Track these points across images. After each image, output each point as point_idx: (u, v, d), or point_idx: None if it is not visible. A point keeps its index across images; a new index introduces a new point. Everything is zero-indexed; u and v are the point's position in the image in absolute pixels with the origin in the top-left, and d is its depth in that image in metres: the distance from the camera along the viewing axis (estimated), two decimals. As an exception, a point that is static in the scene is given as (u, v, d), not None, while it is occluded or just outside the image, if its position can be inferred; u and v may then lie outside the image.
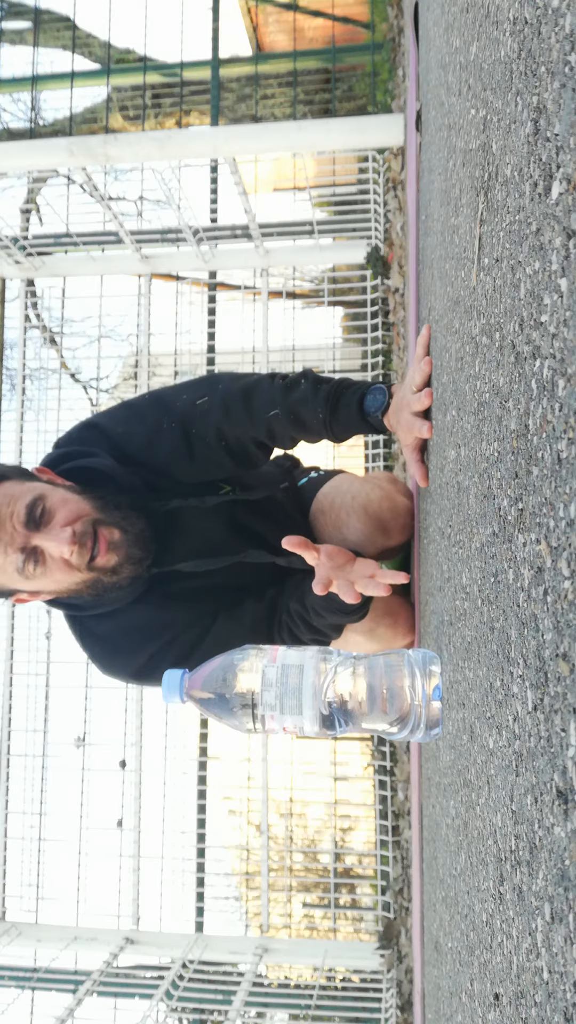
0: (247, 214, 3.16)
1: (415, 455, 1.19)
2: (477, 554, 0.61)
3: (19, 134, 4.94)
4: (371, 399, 1.28)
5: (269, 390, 1.33)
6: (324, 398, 1.29)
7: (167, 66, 4.23)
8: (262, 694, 0.85)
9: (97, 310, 3.62)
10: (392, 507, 1.45)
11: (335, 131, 2.79)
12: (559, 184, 0.38)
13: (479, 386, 0.61)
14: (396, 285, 3.04)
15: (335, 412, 1.29)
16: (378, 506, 1.45)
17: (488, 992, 0.54)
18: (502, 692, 0.50)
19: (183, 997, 2.74)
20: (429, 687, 0.84)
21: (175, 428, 1.34)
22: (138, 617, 1.35)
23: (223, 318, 3.58)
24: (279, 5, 5.03)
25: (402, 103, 2.85)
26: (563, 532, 0.37)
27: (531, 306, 0.43)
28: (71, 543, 1.19)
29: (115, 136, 2.82)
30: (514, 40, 0.48)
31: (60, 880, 3.27)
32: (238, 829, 3.52)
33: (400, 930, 2.77)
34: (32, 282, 3.61)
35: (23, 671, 3.40)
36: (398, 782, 2.89)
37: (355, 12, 4.40)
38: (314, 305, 3.99)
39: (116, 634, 1.36)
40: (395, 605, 1.45)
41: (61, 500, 1.22)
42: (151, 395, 1.42)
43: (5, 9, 4.55)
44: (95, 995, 2.83)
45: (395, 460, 3.11)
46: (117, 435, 1.35)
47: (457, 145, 0.78)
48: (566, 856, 0.35)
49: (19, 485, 1.22)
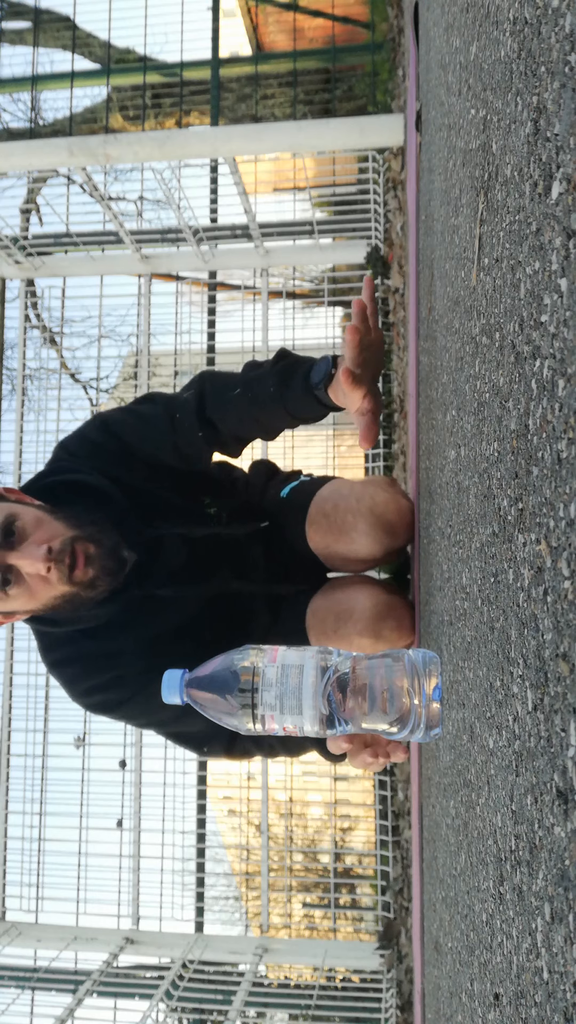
0: (247, 214, 3.16)
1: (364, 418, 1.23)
2: (477, 554, 0.61)
3: (19, 134, 4.94)
4: (315, 370, 1.29)
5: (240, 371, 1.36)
6: (279, 371, 1.30)
7: (167, 66, 4.23)
8: (262, 694, 0.85)
9: (97, 310, 3.62)
10: (397, 508, 1.45)
11: (335, 131, 2.79)
12: (559, 184, 0.38)
13: (479, 386, 0.61)
14: (396, 285, 3.04)
15: (286, 385, 1.30)
16: (384, 507, 1.44)
17: (488, 992, 0.54)
18: (502, 692, 0.50)
19: (183, 997, 2.74)
20: (429, 687, 0.84)
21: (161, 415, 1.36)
22: (98, 646, 1.32)
23: (223, 318, 3.59)
24: (279, 5, 5.03)
25: (402, 103, 2.85)
26: (563, 532, 0.37)
27: (531, 306, 0.43)
28: (46, 560, 1.17)
29: (115, 136, 2.82)
30: (514, 40, 0.48)
31: (60, 880, 3.27)
32: (238, 829, 3.51)
33: (400, 930, 2.77)
34: (32, 282, 3.61)
35: (23, 671, 3.40)
36: (398, 782, 2.89)
37: (355, 12, 4.40)
38: (314, 305, 3.99)
39: (72, 658, 1.34)
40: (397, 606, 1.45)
41: (34, 520, 1.21)
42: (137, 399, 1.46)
43: (5, 9, 4.55)
44: (95, 995, 2.83)
45: (395, 460, 3.11)
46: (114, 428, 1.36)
47: (457, 145, 0.78)
48: (566, 856, 0.35)
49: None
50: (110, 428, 1.37)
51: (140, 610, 1.34)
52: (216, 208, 3.45)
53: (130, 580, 1.30)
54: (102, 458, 1.35)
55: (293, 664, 0.86)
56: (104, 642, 1.32)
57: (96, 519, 1.26)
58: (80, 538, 1.22)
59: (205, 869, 3.31)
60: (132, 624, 1.33)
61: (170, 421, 1.36)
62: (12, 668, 3.41)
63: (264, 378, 1.31)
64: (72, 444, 1.38)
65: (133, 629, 1.33)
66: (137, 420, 1.38)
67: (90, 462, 1.35)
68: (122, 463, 1.35)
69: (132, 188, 4.39)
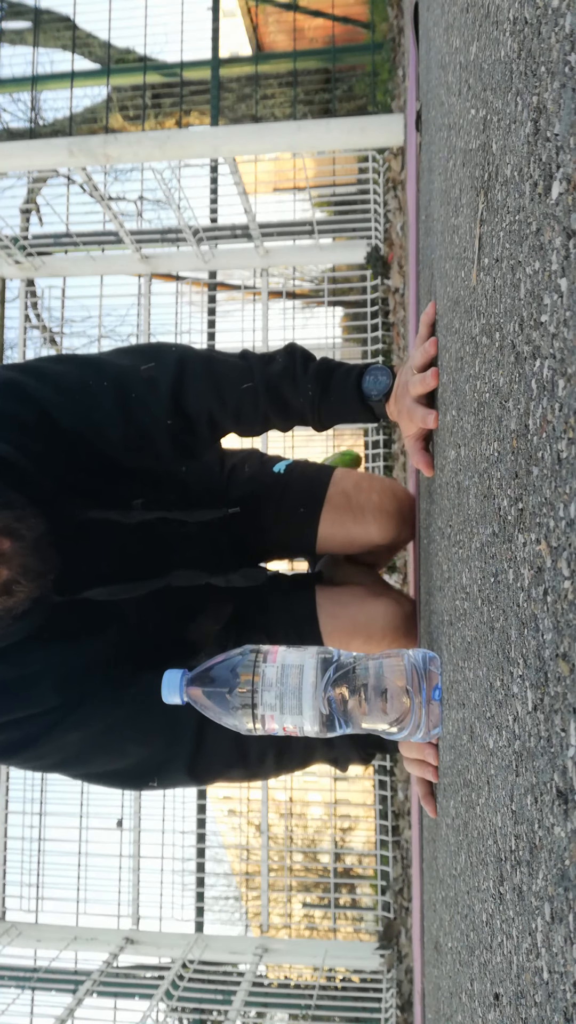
0: (247, 214, 3.17)
1: (418, 444, 1.02)
2: (477, 554, 0.61)
3: (19, 134, 4.94)
4: (371, 380, 1.10)
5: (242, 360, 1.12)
6: (314, 374, 1.10)
7: (167, 66, 4.23)
8: (262, 694, 0.85)
9: (97, 310, 3.62)
10: (409, 499, 1.42)
11: (335, 131, 2.79)
12: (559, 184, 0.38)
13: (479, 386, 0.61)
14: (396, 285, 3.04)
15: (326, 392, 1.11)
16: (404, 495, 1.39)
17: (488, 992, 0.54)
18: (502, 692, 0.50)
19: (183, 997, 2.74)
20: (429, 687, 0.84)
21: (107, 389, 1.06)
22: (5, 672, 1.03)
23: (223, 318, 3.59)
24: (279, 5, 5.03)
25: (402, 103, 2.85)
26: (563, 532, 0.37)
27: (531, 306, 0.43)
28: None
29: (115, 136, 2.82)
30: (514, 40, 0.48)
31: (60, 880, 3.27)
32: (238, 829, 3.51)
33: (400, 930, 2.77)
34: (32, 282, 3.62)
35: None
36: (398, 782, 2.89)
37: (355, 12, 4.40)
38: (314, 305, 3.99)
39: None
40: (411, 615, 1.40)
41: None
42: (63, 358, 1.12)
43: (5, 9, 4.55)
44: (95, 995, 2.83)
45: (395, 460, 3.11)
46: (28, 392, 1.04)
47: (457, 145, 0.78)
48: (566, 856, 0.35)
49: None
50: (25, 391, 1.04)
51: (66, 622, 1.06)
52: (216, 208, 3.46)
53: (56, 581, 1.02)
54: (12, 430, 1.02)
55: (293, 664, 0.86)
56: (13, 667, 1.03)
57: (12, 501, 0.97)
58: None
59: (205, 869, 3.31)
60: (54, 642, 1.05)
61: (120, 398, 1.06)
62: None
63: (293, 377, 1.11)
64: None
65: (55, 648, 1.05)
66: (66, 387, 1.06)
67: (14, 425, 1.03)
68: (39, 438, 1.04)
69: (132, 188, 4.39)
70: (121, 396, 1.06)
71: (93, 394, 1.05)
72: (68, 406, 1.05)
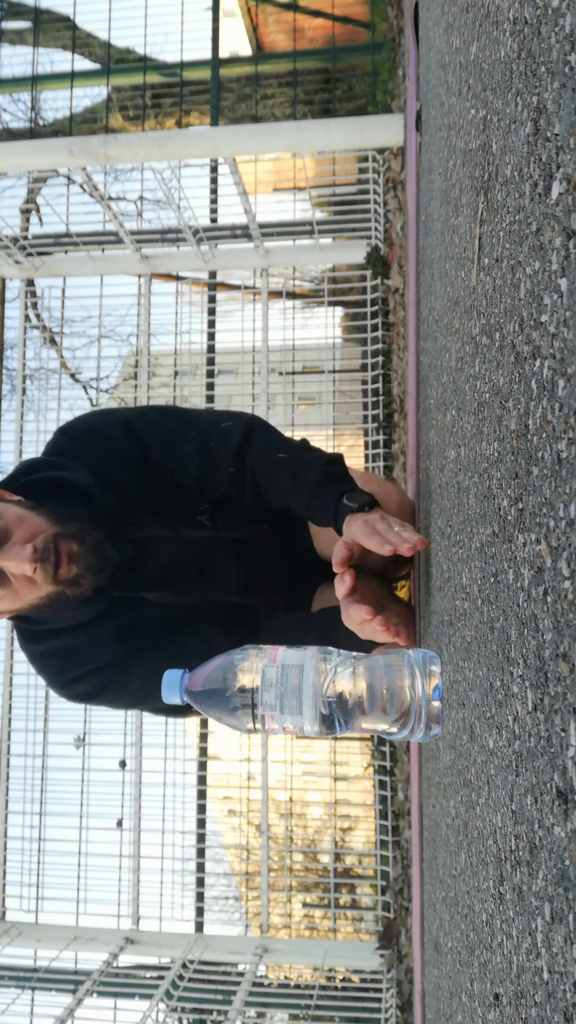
0: (247, 214, 3.16)
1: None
2: (477, 554, 0.61)
3: (19, 134, 4.94)
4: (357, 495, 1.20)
5: (289, 440, 1.34)
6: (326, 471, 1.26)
7: (167, 66, 4.23)
8: (262, 694, 0.85)
9: (97, 310, 3.62)
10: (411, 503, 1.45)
11: (335, 131, 2.79)
12: (559, 184, 0.38)
13: (479, 386, 0.61)
14: (396, 285, 3.04)
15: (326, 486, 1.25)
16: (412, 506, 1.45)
17: (488, 992, 0.54)
18: (502, 692, 0.50)
19: (183, 997, 2.74)
20: (429, 687, 0.84)
21: (194, 437, 1.33)
22: (77, 638, 1.34)
23: (223, 318, 3.59)
24: (279, 5, 5.03)
25: (402, 103, 2.85)
26: (563, 532, 0.37)
27: (531, 306, 0.43)
28: (32, 561, 1.15)
29: (115, 136, 2.82)
30: (514, 40, 0.48)
31: (60, 880, 3.27)
32: (238, 829, 3.51)
33: (400, 930, 2.77)
34: (32, 282, 3.61)
35: (23, 671, 3.40)
36: (398, 782, 2.89)
37: (355, 12, 4.40)
38: (314, 305, 3.99)
39: (51, 652, 1.35)
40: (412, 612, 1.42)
41: (16, 518, 1.18)
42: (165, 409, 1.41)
43: (5, 9, 4.55)
44: (95, 995, 2.83)
45: (395, 460, 3.11)
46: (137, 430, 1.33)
47: (457, 145, 0.78)
48: (566, 856, 0.35)
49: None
50: (132, 429, 1.33)
51: (122, 608, 1.35)
52: (216, 208, 3.45)
53: (115, 580, 1.30)
54: (108, 454, 1.31)
55: (293, 664, 0.86)
56: (85, 635, 1.33)
57: (78, 514, 1.24)
58: (62, 535, 1.20)
59: (205, 869, 3.31)
60: (113, 619, 1.35)
61: (203, 445, 1.33)
62: (12, 668, 3.41)
63: (312, 464, 1.27)
64: (78, 433, 1.35)
65: (114, 622, 1.35)
66: (164, 431, 1.35)
67: (90, 456, 1.31)
68: (129, 466, 1.32)
69: (132, 188, 4.40)
70: (203, 442, 1.34)
71: (183, 438, 1.34)
72: (161, 444, 1.34)
